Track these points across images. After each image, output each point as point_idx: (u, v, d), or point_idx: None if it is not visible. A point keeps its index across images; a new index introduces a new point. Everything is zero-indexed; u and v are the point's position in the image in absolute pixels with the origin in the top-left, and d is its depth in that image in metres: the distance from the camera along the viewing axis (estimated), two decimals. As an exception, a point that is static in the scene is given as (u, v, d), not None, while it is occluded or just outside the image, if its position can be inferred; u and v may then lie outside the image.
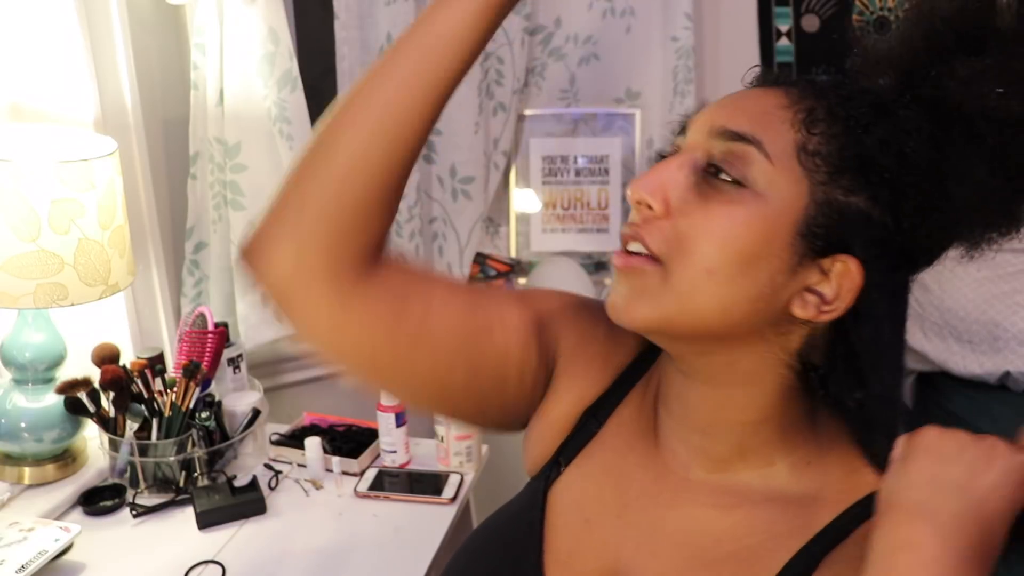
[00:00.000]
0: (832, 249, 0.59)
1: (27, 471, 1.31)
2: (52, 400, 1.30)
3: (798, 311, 0.60)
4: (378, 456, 1.45)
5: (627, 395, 0.74)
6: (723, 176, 0.59)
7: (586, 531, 0.70)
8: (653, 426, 0.71)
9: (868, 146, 0.58)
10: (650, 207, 0.60)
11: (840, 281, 0.59)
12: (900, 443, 0.58)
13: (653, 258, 0.60)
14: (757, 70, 0.66)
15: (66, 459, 1.34)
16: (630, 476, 0.70)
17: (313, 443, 1.40)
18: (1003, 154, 0.57)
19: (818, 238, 0.58)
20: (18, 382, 1.31)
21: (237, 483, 1.31)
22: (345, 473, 1.39)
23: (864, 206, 0.58)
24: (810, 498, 0.63)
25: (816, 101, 0.60)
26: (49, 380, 1.32)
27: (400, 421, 1.41)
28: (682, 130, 0.64)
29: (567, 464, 0.73)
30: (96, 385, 1.30)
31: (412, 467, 1.43)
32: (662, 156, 0.64)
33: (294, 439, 1.46)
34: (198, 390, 1.34)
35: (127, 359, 1.38)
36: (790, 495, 0.63)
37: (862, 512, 0.60)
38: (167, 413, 1.32)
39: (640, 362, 0.75)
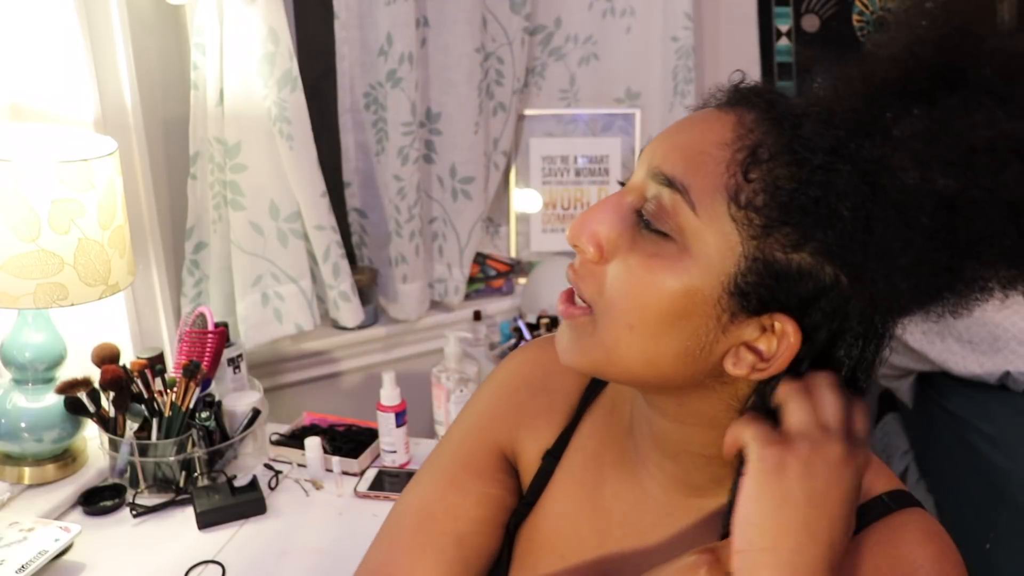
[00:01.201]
0: (768, 307, 0.54)
1: (27, 471, 1.31)
2: (52, 400, 1.30)
3: (730, 368, 0.56)
4: (378, 456, 1.45)
5: (579, 425, 0.74)
6: (651, 225, 0.56)
7: (561, 567, 0.70)
8: (625, 456, 0.70)
9: (807, 199, 0.52)
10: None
11: (778, 340, 0.55)
12: (753, 448, 0.54)
13: (586, 303, 0.59)
14: (737, 76, 0.61)
15: (66, 459, 1.34)
16: (607, 508, 0.70)
17: (313, 443, 1.40)
18: (940, 232, 0.50)
19: (749, 297, 0.54)
20: (18, 382, 1.31)
21: (237, 483, 1.31)
22: (345, 473, 1.39)
23: (804, 264, 0.53)
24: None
25: (766, 135, 0.54)
26: (49, 380, 1.32)
27: (400, 421, 1.41)
28: (637, 159, 0.62)
29: (532, 505, 0.74)
30: (96, 385, 1.30)
31: (412, 467, 1.43)
32: (622, 184, 0.61)
33: (294, 439, 1.46)
34: (198, 390, 1.34)
35: (127, 359, 1.38)
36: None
37: None
38: (167, 413, 1.32)
39: (589, 392, 0.75)
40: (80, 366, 1.33)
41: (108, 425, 1.31)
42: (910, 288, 0.52)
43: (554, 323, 1.86)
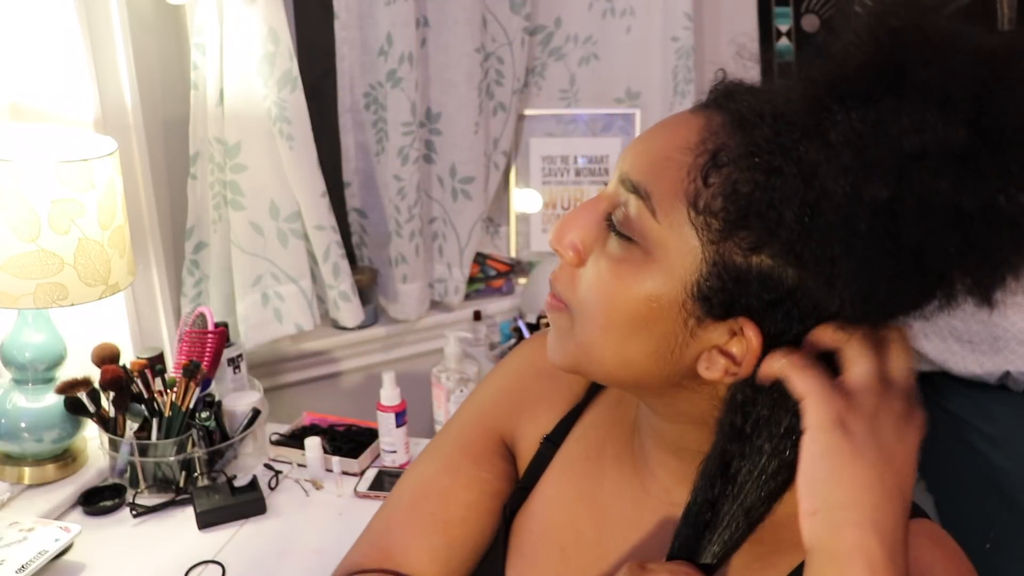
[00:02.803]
0: (733, 311, 0.54)
1: (27, 471, 1.31)
2: (52, 400, 1.30)
3: (703, 372, 0.57)
4: (378, 456, 1.45)
5: (582, 415, 0.75)
6: (617, 230, 0.57)
7: (562, 561, 0.70)
8: (629, 452, 0.70)
9: (759, 203, 0.51)
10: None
11: (746, 344, 0.55)
12: (815, 408, 0.52)
13: (564, 303, 0.61)
14: (719, 75, 0.60)
15: (66, 459, 1.34)
16: (606, 503, 0.70)
17: (313, 443, 1.40)
18: (879, 240, 0.49)
19: (712, 301, 0.54)
20: (18, 382, 1.31)
21: (237, 483, 1.31)
22: (345, 473, 1.39)
23: (765, 267, 0.52)
24: (793, 516, 0.61)
25: (729, 139, 0.53)
26: (49, 380, 1.32)
27: (400, 421, 1.41)
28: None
29: (530, 490, 0.75)
30: (96, 385, 1.30)
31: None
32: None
33: (294, 439, 1.46)
34: (198, 390, 1.34)
35: (127, 359, 1.38)
36: (772, 518, 0.61)
37: None
38: (167, 413, 1.32)
39: (597, 384, 0.76)
40: (80, 366, 1.33)
41: (108, 425, 1.31)
42: (854, 296, 0.50)
43: (554, 323, 1.85)
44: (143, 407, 1.33)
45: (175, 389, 1.32)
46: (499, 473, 0.76)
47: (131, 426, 1.34)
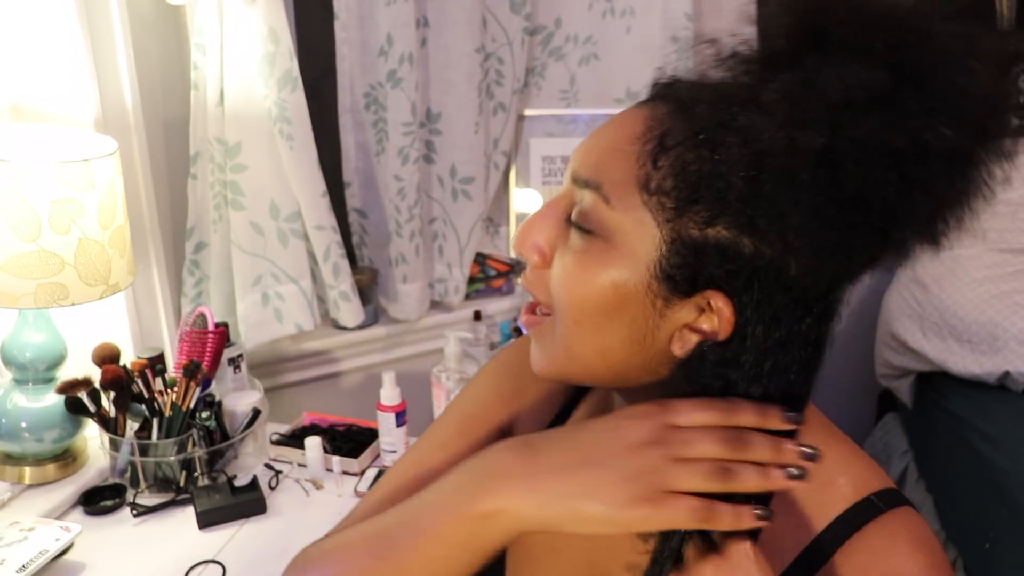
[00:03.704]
0: (699, 286, 0.56)
1: (28, 471, 1.31)
2: (52, 400, 1.30)
3: (677, 351, 0.58)
4: (378, 456, 1.45)
5: (572, 414, 0.75)
6: (576, 225, 0.59)
7: (554, 555, 0.71)
8: None
9: (705, 174, 0.53)
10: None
11: (717, 316, 0.56)
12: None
13: (543, 308, 0.62)
14: (658, 73, 0.62)
15: (66, 459, 1.35)
16: None
17: (313, 443, 1.40)
18: (822, 187, 0.51)
19: (676, 279, 0.55)
20: (19, 382, 1.31)
21: (237, 483, 1.31)
22: (345, 473, 1.39)
23: (722, 238, 0.54)
24: (786, 510, 0.61)
25: (675, 123, 0.55)
26: (49, 380, 1.32)
27: (400, 421, 1.41)
28: None
29: None
30: (96, 385, 1.30)
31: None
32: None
33: (294, 439, 1.46)
34: (198, 390, 1.34)
35: (127, 359, 1.38)
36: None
37: (841, 532, 0.60)
38: (167, 413, 1.32)
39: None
40: (80, 366, 1.33)
41: (108, 425, 1.32)
42: (806, 246, 0.52)
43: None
44: (143, 407, 1.33)
45: (175, 389, 1.32)
46: None
47: (131, 426, 1.34)
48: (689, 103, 0.55)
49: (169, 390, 1.32)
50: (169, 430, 1.32)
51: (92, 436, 1.40)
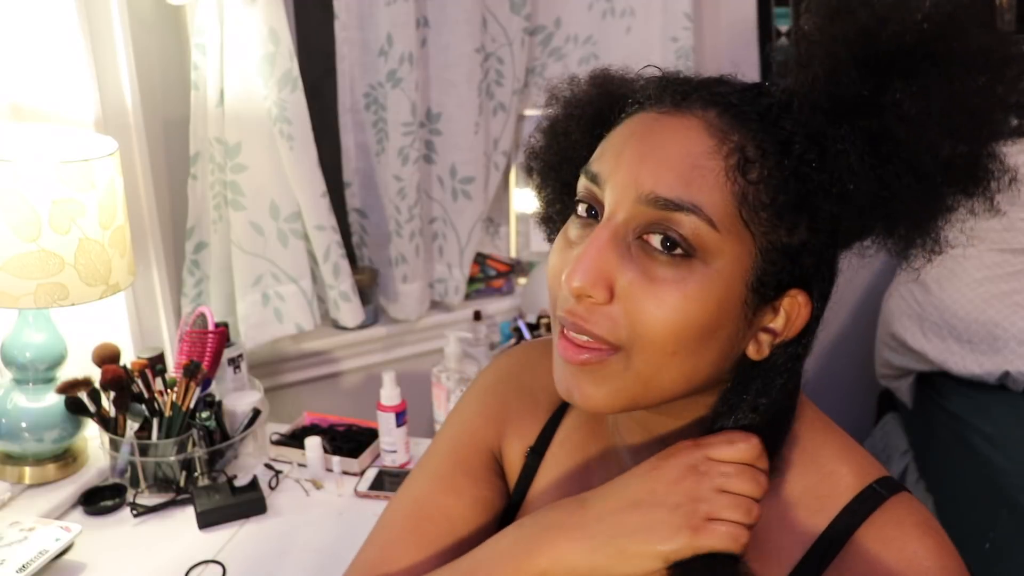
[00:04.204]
0: (783, 289, 0.58)
1: (28, 471, 1.31)
2: (53, 400, 1.30)
3: (753, 354, 0.60)
4: (378, 456, 1.45)
5: (563, 419, 0.75)
6: (668, 251, 0.55)
7: None
8: (612, 447, 0.71)
9: (810, 187, 0.55)
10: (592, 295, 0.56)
11: (789, 313, 0.59)
12: None
13: (609, 345, 0.57)
14: (650, 70, 0.62)
15: (67, 459, 1.35)
16: None
17: (313, 443, 1.40)
18: (943, 188, 0.57)
19: (769, 286, 0.57)
20: (19, 382, 1.31)
21: (237, 483, 1.31)
22: (345, 473, 1.39)
23: (807, 237, 0.57)
24: (794, 503, 0.62)
25: (741, 133, 0.55)
26: (50, 380, 1.32)
27: (400, 421, 1.41)
28: (593, 177, 0.59)
29: (520, 504, 0.75)
30: (96, 385, 1.30)
31: (412, 467, 1.43)
32: (590, 215, 0.60)
33: (294, 439, 1.46)
34: (198, 390, 1.34)
35: (128, 359, 1.38)
36: (772, 501, 0.62)
37: (851, 521, 0.60)
38: (167, 413, 1.32)
39: None
40: (80, 366, 1.33)
41: (109, 425, 1.32)
42: (911, 230, 0.59)
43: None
44: (143, 407, 1.33)
45: (175, 389, 1.32)
46: (497, 490, 0.76)
47: (131, 426, 1.34)
48: (749, 109, 0.56)
49: (169, 390, 1.32)
50: (169, 430, 1.32)
51: (92, 436, 1.40)
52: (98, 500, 1.30)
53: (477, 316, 1.91)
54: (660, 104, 0.58)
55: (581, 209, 0.60)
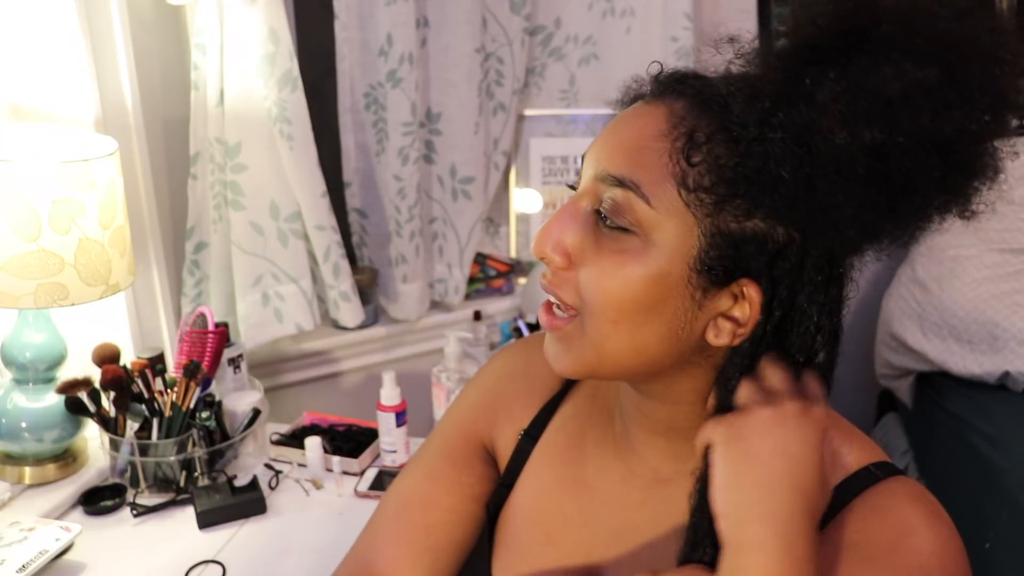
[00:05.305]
0: (734, 276, 0.58)
1: (28, 471, 1.31)
2: (53, 400, 1.30)
3: (712, 339, 0.60)
4: (378, 456, 1.45)
5: (560, 407, 0.77)
6: (610, 223, 0.59)
7: (549, 545, 0.72)
8: (610, 436, 0.72)
9: (745, 173, 0.56)
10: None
11: (748, 304, 0.59)
12: (714, 431, 0.59)
13: (570, 308, 0.62)
14: (655, 67, 0.64)
15: (67, 459, 1.35)
16: (591, 486, 0.72)
17: (313, 443, 1.40)
18: (875, 179, 0.55)
19: (715, 270, 0.58)
20: (19, 382, 1.31)
21: (237, 483, 1.31)
22: (345, 473, 1.39)
23: (758, 229, 0.57)
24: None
25: (698, 120, 0.57)
26: (50, 380, 1.32)
27: (400, 421, 1.41)
28: (582, 157, 0.65)
29: (511, 486, 0.76)
30: (96, 385, 1.30)
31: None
32: (572, 188, 0.65)
33: (294, 439, 1.46)
34: (198, 390, 1.34)
35: (128, 359, 1.38)
36: None
37: (844, 497, 0.62)
38: (167, 413, 1.32)
39: (567, 382, 0.79)
40: (80, 366, 1.33)
41: (109, 425, 1.32)
42: (858, 232, 0.56)
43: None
44: (143, 407, 1.33)
45: (175, 389, 1.32)
46: (480, 476, 0.78)
47: (131, 426, 1.34)
48: (712, 98, 0.57)
49: (169, 390, 1.32)
50: (169, 430, 1.32)
51: (92, 436, 1.40)
52: (98, 500, 1.30)
53: (477, 316, 1.91)
54: (644, 97, 0.63)
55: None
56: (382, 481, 1.37)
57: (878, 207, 0.55)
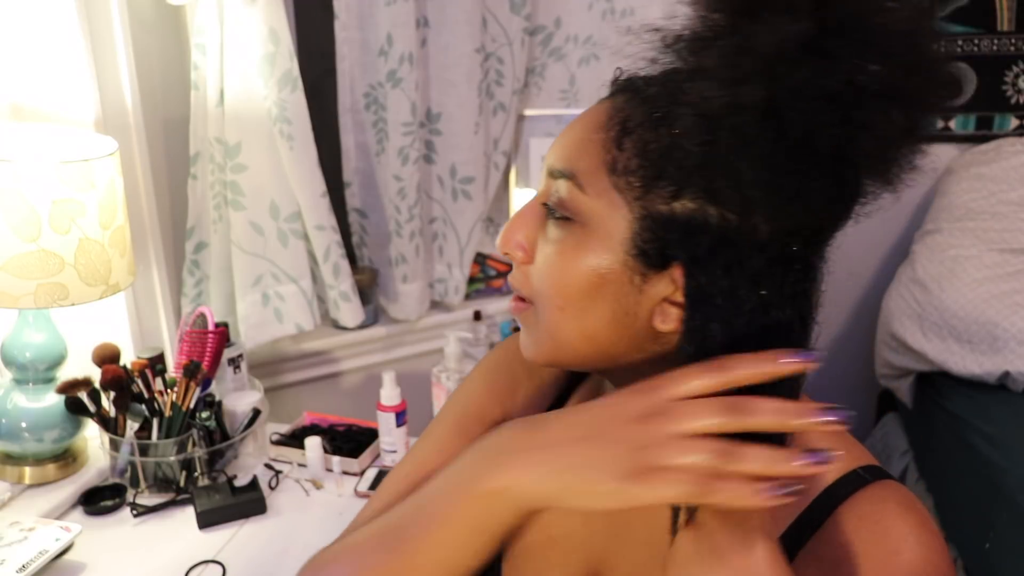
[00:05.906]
0: (670, 259, 0.57)
1: (28, 471, 1.31)
2: (53, 400, 1.30)
3: (660, 325, 0.59)
4: (378, 456, 1.45)
5: (566, 402, 0.76)
6: (557, 215, 0.62)
7: (551, 548, 0.71)
8: None
9: (664, 148, 0.56)
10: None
11: (675, 288, 0.58)
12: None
13: (523, 298, 0.66)
14: (616, 72, 0.67)
15: (67, 459, 1.35)
16: None
17: (313, 443, 1.40)
18: (769, 137, 0.53)
19: (650, 254, 0.58)
20: (19, 382, 1.31)
21: (237, 483, 1.31)
22: (345, 473, 1.39)
23: (688, 210, 0.56)
24: None
25: (635, 109, 0.59)
26: (50, 380, 1.32)
27: (400, 421, 1.41)
28: None
29: None
30: (97, 385, 1.30)
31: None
32: None
33: (294, 439, 1.46)
34: (198, 390, 1.34)
35: (128, 359, 1.38)
36: None
37: (829, 501, 0.61)
38: (167, 413, 1.32)
39: (574, 377, 0.78)
40: (80, 366, 1.33)
41: (109, 425, 1.32)
42: (765, 199, 0.54)
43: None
44: (143, 407, 1.33)
45: (175, 389, 1.32)
46: None
47: (131, 426, 1.34)
48: (643, 88, 0.60)
49: (169, 390, 1.32)
50: (169, 430, 1.32)
51: (92, 436, 1.40)
52: (98, 500, 1.30)
53: (477, 316, 1.91)
54: (609, 94, 0.65)
55: None
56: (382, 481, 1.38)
57: (782, 167, 0.53)
